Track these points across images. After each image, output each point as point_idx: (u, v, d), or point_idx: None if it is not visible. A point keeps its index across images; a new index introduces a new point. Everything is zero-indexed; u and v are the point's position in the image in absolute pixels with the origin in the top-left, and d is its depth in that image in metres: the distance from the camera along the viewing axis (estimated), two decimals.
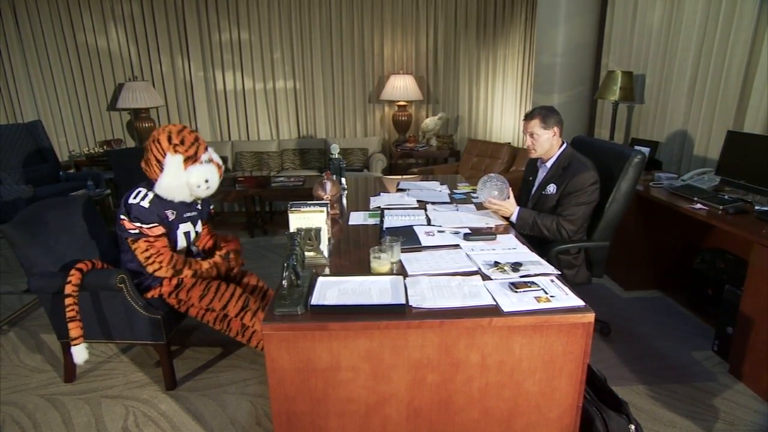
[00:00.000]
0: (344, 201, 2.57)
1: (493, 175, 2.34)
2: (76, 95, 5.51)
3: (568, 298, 1.42)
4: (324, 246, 1.74)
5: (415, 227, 2.04)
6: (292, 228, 1.73)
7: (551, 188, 2.34)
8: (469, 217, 2.20)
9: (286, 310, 1.35)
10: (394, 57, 5.63)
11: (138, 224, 2.05)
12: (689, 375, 2.36)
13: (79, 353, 2.06)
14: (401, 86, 5.38)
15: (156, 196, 2.10)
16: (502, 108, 5.79)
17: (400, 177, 3.32)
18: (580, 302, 1.39)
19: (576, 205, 2.25)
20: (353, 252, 1.82)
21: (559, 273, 1.60)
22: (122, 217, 2.07)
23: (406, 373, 1.36)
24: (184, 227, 2.26)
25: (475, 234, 1.94)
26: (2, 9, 5.12)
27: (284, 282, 1.41)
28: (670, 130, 3.61)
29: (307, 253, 1.70)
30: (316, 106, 5.75)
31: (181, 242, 2.27)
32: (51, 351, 2.63)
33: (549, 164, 2.40)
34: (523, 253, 1.77)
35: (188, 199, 2.20)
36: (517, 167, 4.39)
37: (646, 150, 3.71)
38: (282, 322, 1.33)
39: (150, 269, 2.13)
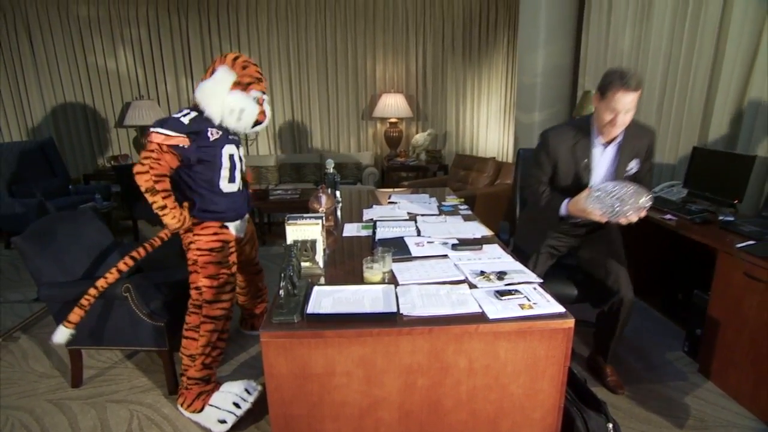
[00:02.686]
0: (339, 213, 2.56)
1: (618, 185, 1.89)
2: (85, 113, 5.48)
3: (550, 305, 1.41)
4: (319, 257, 1.73)
5: (405, 238, 2.03)
6: (289, 240, 1.72)
7: (635, 164, 2.01)
8: (457, 228, 2.19)
9: (284, 318, 1.33)
10: (385, 77, 5.66)
11: (165, 133, 1.83)
12: (663, 375, 2.36)
13: (62, 334, 1.93)
14: (392, 104, 5.39)
15: (198, 116, 1.92)
16: (487, 124, 5.82)
17: (391, 190, 3.32)
18: (561, 308, 1.39)
19: (651, 169, 2.10)
20: (347, 262, 1.81)
21: (542, 281, 1.60)
22: (153, 129, 1.84)
23: (397, 377, 1.35)
24: (230, 149, 2.04)
25: (462, 244, 1.94)
26: (19, 33, 5.14)
27: (281, 291, 1.40)
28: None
29: (303, 264, 1.68)
30: (312, 123, 5.75)
31: (226, 162, 2.02)
32: (59, 357, 2.58)
33: (618, 141, 1.97)
34: (508, 262, 1.77)
35: (216, 119, 1.96)
36: (501, 180, 4.40)
37: None
38: (279, 329, 1.31)
39: (136, 168, 1.85)
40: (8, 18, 5.08)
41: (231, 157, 2.04)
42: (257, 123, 2.08)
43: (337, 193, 2.74)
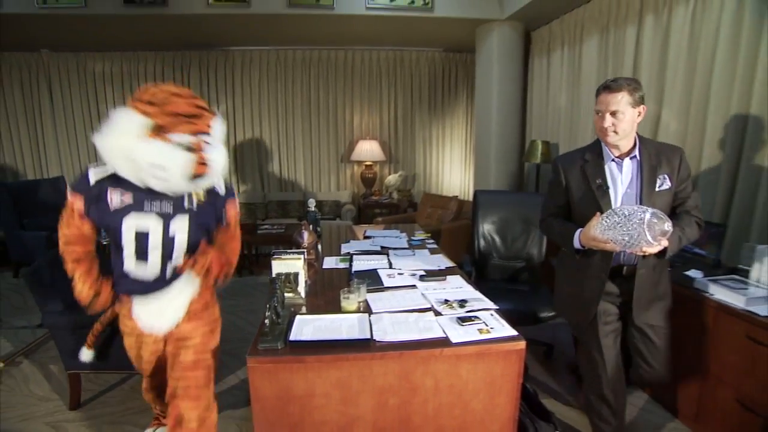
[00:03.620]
0: (320, 247, 2.56)
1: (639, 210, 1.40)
2: (95, 154, 5.41)
3: (505, 329, 1.44)
4: (301, 288, 1.72)
5: (378, 270, 2.03)
6: (274, 273, 1.71)
7: (664, 182, 1.54)
8: (424, 261, 2.21)
9: (269, 345, 1.32)
10: (361, 125, 5.77)
11: (68, 190, 1.39)
12: None
13: (87, 355, 1.84)
14: (368, 149, 5.48)
15: (113, 174, 1.35)
16: (450, 167, 5.96)
17: (367, 226, 3.34)
18: (514, 332, 1.42)
19: (695, 188, 1.64)
20: (327, 292, 1.80)
21: (497, 308, 1.62)
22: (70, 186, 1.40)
23: (371, 397, 1.34)
24: (140, 222, 1.36)
25: (428, 275, 1.95)
26: (40, 84, 5.18)
27: (267, 320, 1.39)
28: None
29: (286, 295, 1.67)
30: (296, 165, 5.77)
31: (128, 238, 1.37)
32: (58, 380, 2.44)
33: (635, 154, 1.57)
34: (469, 291, 1.79)
35: (138, 180, 1.32)
36: (463, 216, 4.48)
37: None
38: (265, 355, 1.29)
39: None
40: (32, 72, 5.16)
41: (142, 237, 1.38)
42: (198, 176, 1.32)
43: (319, 228, 2.74)
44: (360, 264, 2.13)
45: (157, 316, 1.49)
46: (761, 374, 1.63)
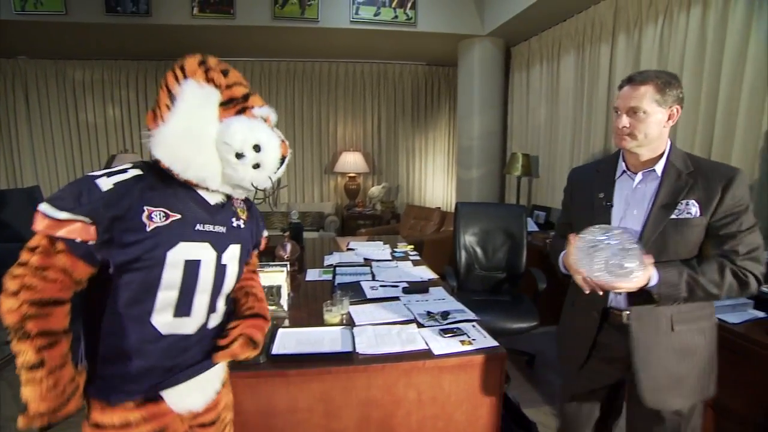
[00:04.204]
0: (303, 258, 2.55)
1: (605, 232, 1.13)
2: (72, 163, 5.28)
3: (486, 340, 1.45)
4: (284, 300, 1.71)
5: (361, 282, 2.02)
6: None
7: (689, 208, 1.14)
8: (407, 272, 2.22)
9: (251, 359, 1.30)
10: (345, 137, 5.79)
11: (49, 214, 0.82)
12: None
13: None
14: (351, 161, 5.50)
15: (139, 177, 0.90)
16: (433, 179, 6.02)
17: (350, 237, 3.34)
18: (495, 343, 1.43)
19: (751, 230, 1.13)
20: (310, 304, 1.79)
21: (478, 319, 1.63)
22: (40, 206, 0.84)
23: (354, 411, 1.33)
24: (192, 249, 0.92)
25: (411, 287, 1.96)
26: (16, 92, 5.02)
27: None
28: (559, 197, 3.87)
29: (269, 308, 1.66)
30: (281, 176, 5.75)
31: (173, 276, 0.90)
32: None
33: (658, 168, 1.20)
34: (451, 302, 1.80)
35: (215, 183, 0.94)
36: (446, 228, 4.52)
37: (542, 213, 3.96)
38: (247, 369, 1.28)
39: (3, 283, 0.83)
40: (8, 78, 5.01)
41: (194, 265, 0.93)
42: (284, 158, 1.01)
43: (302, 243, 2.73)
44: (343, 276, 2.13)
45: (202, 385, 1.01)
46: (733, 380, 1.68)
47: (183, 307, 0.94)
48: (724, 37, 2.22)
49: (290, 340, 1.43)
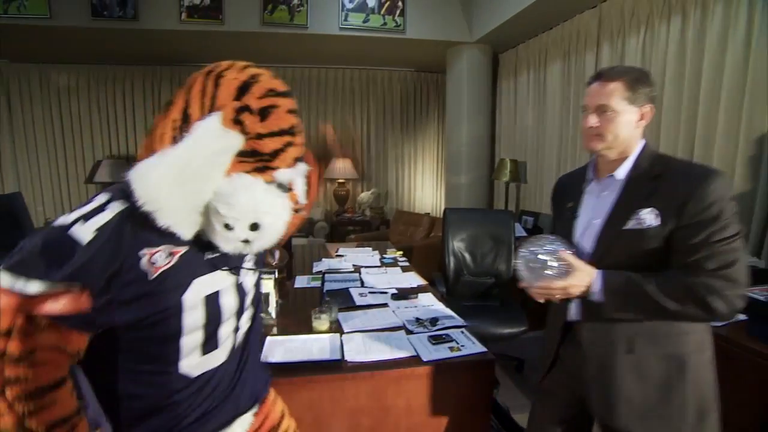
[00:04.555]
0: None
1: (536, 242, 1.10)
2: (57, 170, 5.17)
3: (475, 346, 1.46)
4: (272, 308, 1.69)
5: (350, 289, 2.02)
6: None
7: (649, 217, 0.99)
8: (396, 279, 2.22)
9: None
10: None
11: (14, 289, 0.64)
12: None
13: None
14: (341, 167, 5.50)
15: (125, 212, 0.70)
16: (422, 185, 6.04)
17: (339, 243, 3.33)
18: (484, 349, 1.44)
19: (725, 242, 0.94)
20: (299, 312, 1.78)
21: (467, 324, 1.63)
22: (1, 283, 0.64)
23: (344, 419, 1.32)
24: (208, 283, 0.79)
25: (400, 293, 1.96)
26: None
27: None
28: (547, 202, 3.91)
29: None
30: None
31: (197, 317, 0.77)
32: None
33: (622, 173, 1.08)
34: (440, 309, 1.81)
35: (184, 233, 0.72)
36: (435, 233, 4.53)
37: (531, 219, 3.99)
38: None
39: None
40: None
41: (212, 299, 0.80)
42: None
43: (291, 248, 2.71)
44: (332, 283, 2.12)
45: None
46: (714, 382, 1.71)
47: (210, 343, 0.81)
48: (703, 46, 2.28)
49: (279, 349, 1.42)
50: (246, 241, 0.75)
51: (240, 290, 0.85)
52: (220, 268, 0.81)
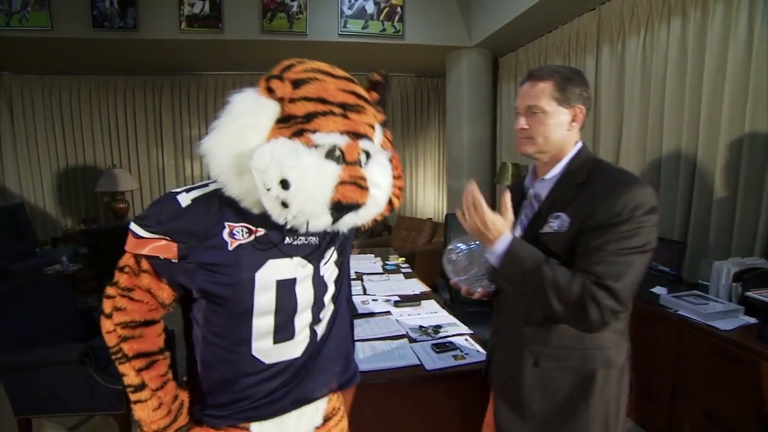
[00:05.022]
0: None
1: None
2: (59, 179, 5.19)
3: (479, 354, 1.43)
4: None
5: (352, 297, 2.00)
6: None
7: (557, 221, 0.97)
8: (398, 285, 2.20)
9: None
10: None
11: (135, 231, 0.80)
12: None
13: None
14: None
15: (220, 190, 0.80)
16: (424, 190, 6.02)
17: None
18: None
19: (620, 252, 0.89)
20: None
21: (471, 332, 1.61)
22: (130, 227, 0.81)
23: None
24: (283, 267, 0.83)
25: (403, 301, 1.94)
26: (1, 107, 4.90)
27: None
28: None
29: None
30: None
31: (267, 299, 0.82)
32: (9, 424, 2.27)
33: (551, 176, 1.04)
34: (444, 316, 1.79)
35: (255, 204, 0.79)
36: (437, 239, 4.51)
37: None
38: None
39: (103, 314, 0.84)
40: None
41: (288, 284, 0.84)
42: (346, 207, 0.77)
43: None
44: None
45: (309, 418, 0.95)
46: (726, 387, 1.68)
47: (284, 332, 0.85)
48: (704, 46, 2.25)
49: None
50: (284, 205, 0.74)
51: (318, 283, 0.88)
52: (297, 255, 0.84)
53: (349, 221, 0.81)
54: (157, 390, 0.84)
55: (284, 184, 0.73)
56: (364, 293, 2.07)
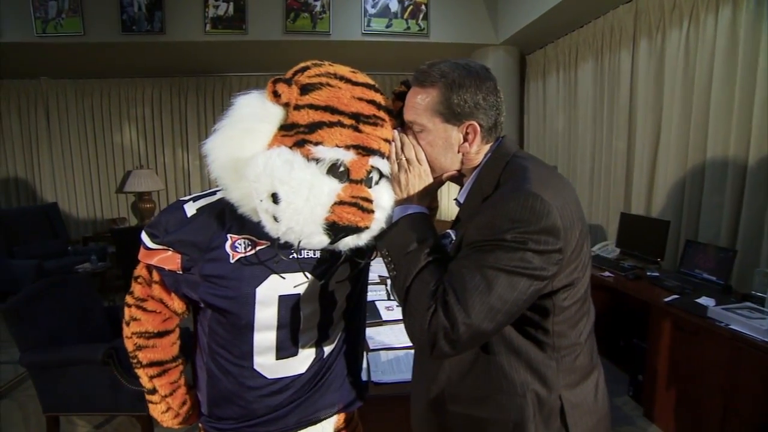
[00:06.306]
0: None
1: None
2: (90, 180, 5.35)
3: None
4: None
5: (376, 302, 1.93)
6: None
7: (446, 240, 0.88)
8: None
9: None
10: None
11: (144, 242, 0.81)
12: (612, 419, 2.27)
13: None
14: None
15: (217, 204, 0.80)
16: (448, 191, 5.91)
17: None
18: None
19: (480, 271, 0.68)
20: None
21: None
22: (141, 236, 0.82)
23: None
24: (286, 282, 0.79)
25: None
26: (38, 110, 5.10)
27: None
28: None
29: None
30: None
31: (268, 319, 0.79)
32: (38, 422, 2.29)
33: (462, 195, 0.90)
34: None
35: (252, 212, 0.76)
36: None
37: None
38: None
39: (125, 321, 0.87)
40: (30, 98, 5.09)
41: (289, 301, 0.80)
42: (342, 229, 0.72)
43: None
44: None
45: None
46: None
47: (287, 348, 0.81)
48: (759, 39, 2.08)
49: None
50: (275, 219, 0.70)
51: (327, 299, 0.83)
52: (304, 269, 0.78)
53: (350, 242, 0.74)
54: (166, 396, 0.89)
55: (274, 198, 0.69)
56: (389, 298, 2.00)
